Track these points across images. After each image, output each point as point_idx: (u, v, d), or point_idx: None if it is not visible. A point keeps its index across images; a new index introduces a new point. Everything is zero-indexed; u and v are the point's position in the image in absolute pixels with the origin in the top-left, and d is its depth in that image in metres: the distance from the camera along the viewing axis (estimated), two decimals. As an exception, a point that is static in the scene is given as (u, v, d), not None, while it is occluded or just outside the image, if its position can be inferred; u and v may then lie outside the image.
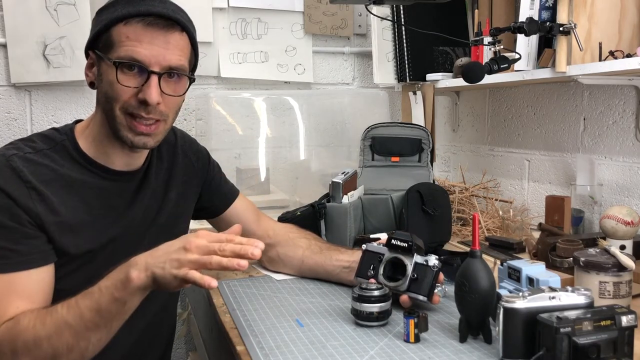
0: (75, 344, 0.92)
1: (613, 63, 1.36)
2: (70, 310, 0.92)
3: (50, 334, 0.92)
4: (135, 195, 1.16)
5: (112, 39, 1.03)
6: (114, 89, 1.04)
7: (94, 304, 0.92)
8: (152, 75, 1.03)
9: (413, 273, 1.10)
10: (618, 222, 1.30)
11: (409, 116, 2.03)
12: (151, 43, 1.03)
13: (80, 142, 1.10)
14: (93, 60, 1.08)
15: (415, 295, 1.09)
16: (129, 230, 1.13)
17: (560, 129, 1.82)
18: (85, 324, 0.92)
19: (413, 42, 1.99)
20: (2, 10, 1.94)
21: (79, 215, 1.06)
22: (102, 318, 0.92)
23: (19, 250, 0.98)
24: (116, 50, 1.03)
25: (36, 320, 0.93)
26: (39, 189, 1.01)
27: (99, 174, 1.10)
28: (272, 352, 0.95)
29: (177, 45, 1.06)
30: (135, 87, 1.04)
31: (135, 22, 1.02)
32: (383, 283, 1.10)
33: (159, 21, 1.03)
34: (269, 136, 2.10)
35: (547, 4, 1.52)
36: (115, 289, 0.91)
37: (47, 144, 1.08)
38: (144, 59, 1.03)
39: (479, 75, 1.38)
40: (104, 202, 1.10)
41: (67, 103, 2.04)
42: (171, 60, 1.05)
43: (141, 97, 1.03)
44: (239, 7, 2.20)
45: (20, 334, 0.92)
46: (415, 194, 1.44)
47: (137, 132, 1.06)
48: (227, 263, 0.88)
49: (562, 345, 0.79)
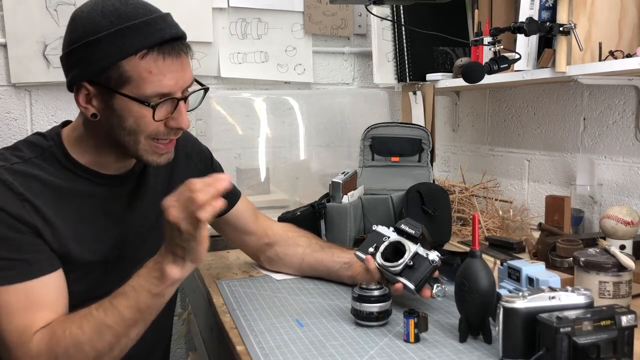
0: (117, 343, 0.95)
1: (613, 63, 1.37)
2: (108, 313, 0.94)
3: (92, 337, 0.94)
4: (133, 198, 1.14)
5: (128, 75, 0.97)
6: (144, 124, 1.00)
7: (132, 303, 0.94)
8: (180, 102, 1.02)
9: (410, 260, 1.09)
10: (618, 222, 1.30)
11: (409, 116, 2.03)
12: (172, 72, 0.99)
13: (68, 148, 1.07)
14: (92, 92, 1.00)
15: (405, 281, 1.09)
16: (130, 234, 1.12)
17: (560, 129, 1.82)
18: (126, 323, 0.95)
19: (413, 42, 1.99)
20: (2, 10, 1.94)
21: (74, 226, 1.03)
22: (142, 314, 0.95)
23: (27, 259, 0.96)
24: (138, 87, 0.97)
25: (72, 327, 0.94)
26: (32, 201, 0.98)
27: (91, 180, 1.07)
28: (272, 352, 0.95)
29: (188, 63, 1.04)
30: (165, 118, 1.02)
31: (153, 55, 0.97)
32: (378, 262, 1.10)
33: (172, 46, 0.99)
34: (269, 136, 2.10)
35: (547, 4, 1.52)
36: (152, 286, 0.95)
37: (34, 152, 1.04)
38: (171, 90, 1.00)
39: (479, 75, 1.38)
40: (99, 209, 1.08)
41: (67, 103, 2.04)
42: (189, 80, 1.03)
43: (174, 125, 1.02)
44: (239, 7, 2.20)
45: (59, 342, 0.93)
46: (415, 194, 1.44)
47: (161, 154, 1.06)
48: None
49: (562, 345, 0.79)
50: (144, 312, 0.96)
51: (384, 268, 1.10)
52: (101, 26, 0.96)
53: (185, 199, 0.91)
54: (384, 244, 1.13)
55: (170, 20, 1.02)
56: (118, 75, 0.97)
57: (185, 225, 0.91)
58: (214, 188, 0.92)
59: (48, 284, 0.98)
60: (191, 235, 0.92)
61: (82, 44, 0.97)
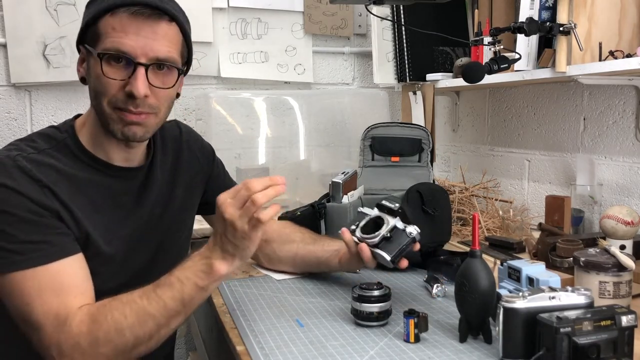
0: (157, 332, 0.96)
1: (613, 63, 1.37)
2: (152, 301, 0.95)
3: (134, 324, 0.94)
4: (141, 192, 1.15)
5: (99, 31, 1.01)
6: (100, 83, 1.02)
7: (176, 294, 0.95)
8: (139, 66, 1.01)
9: (388, 233, 1.09)
10: (618, 222, 1.30)
11: (409, 116, 2.03)
12: (137, 34, 1.00)
13: (81, 139, 1.08)
14: (84, 54, 1.07)
15: (383, 253, 1.08)
16: (138, 227, 1.13)
17: (560, 129, 1.82)
18: (169, 313, 0.96)
19: (413, 42, 1.99)
20: (2, 10, 1.94)
21: (89, 214, 1.05)
22: (185, 306, 0.96)
23: (51, 241, 0.97)
24: (102, 42, 1.01)
25: (115, 312, 0.95)
26: (50, 187, 0.99)
27: (102, 171, 1.09)
28: (272, 352, 0.95)
29: (165, 35, 1.03)
30: (121, 80, 1.01)
31: (121, 13, 1.00)
32: (357, 236, 1.11)
33: (145, 10, 1.00)
34: (269, 136, 2.10)
35: (547, 4, 1.52)
36: (198, 279, 0.96)
37: (48, 143, 1.06)
38: (129, 50, 1.00)
39: (479, 75, 1.38)
40: (111, 200, 1.09)
41: (67, 103, 2.04)
42: (159, 52, 1.02)
43: (128, 90, 1.01)
44: (239, 7, 2.20)
45: (101, 325, 0.94)
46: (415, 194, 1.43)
47: (126, 122, 1.04)
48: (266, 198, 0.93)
49: (562, 345, 0.79)
50: (187, 304, 0.96)
51: (362, 241, 1.11)
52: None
53: (242, 198, 0.93)
54: (365, 219, 1.15)
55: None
56: (93, 32, 1.03)
57: (241, 224, 0.93)
58: (273, 191, 0.94)
59: (73, 264, 0.99)
60: (246, 234, 0.94)
61: (85, 8, 1.06)
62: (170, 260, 1.21)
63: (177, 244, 1.24)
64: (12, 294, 0.95)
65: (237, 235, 0.94)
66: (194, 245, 1.62)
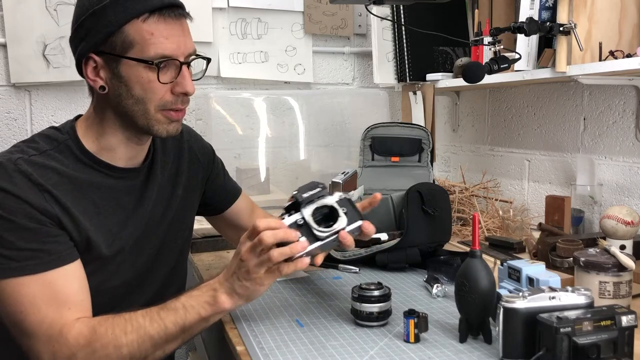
0: (152, 353, 0.98)
1: (613, 63, 1.37)
2: (154, 323, 0.97)
3: (132, 342, 0.95)
4: (143, 191, 1.15)
5: (132, 38, 1.00)
6: (151, 89, 1.02)
7: (179, 320, 0.97)
8: (184, 66, 1.04)
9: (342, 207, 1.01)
10: (618, 222, 1.30)
11: (409, 116, 2.03)
12: (173, 35, 1.02)
13: (82, 138, 1.08)
14: (99, 63, 1.03)
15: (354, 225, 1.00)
16: (140, 227, 1.13)
17: (560, 129, 1.82)
18: (167, 337, 0.97)
19: (413, 42, 1.99)
20: (2, 10, 1.94)
21: (91, 217, 1.05)
22: (184, 333, 0.99)
23: (47, 250, 0.97)
24: (142, 49, 1.00)
25: (116, 328, 0.96)
26: (51, 191, 0.99)
27: (105, 172, 1.08)
28: (272, 352, 0.95)
29: (189, 30, 1.07)
30: (170, 82, 1.04)
31: (155, 18, 1.00)
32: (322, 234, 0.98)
33: (172, 11, 1.02)
34: (269, 136, 2.10)
35: (547, 4, 1.52)
36: (202, 309, 0.98)
37: (50, 145, 1.06)
38: (173, 53, 1.02)
39: (479, 75, 1.38)
40: (113, 201, 1.09)
41: (67, 103, 2.04)
42: (191, 47, 1.06)
43: (179, 90, 1.04)
44: (239, 7, 2.20)
45: (100, 338, 0.95)
46: (415, 194, 1.43)
47: (172, 120, 1.07)
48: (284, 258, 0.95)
49: (562, 345, 0.79)
50: (187, 331, 0.98)
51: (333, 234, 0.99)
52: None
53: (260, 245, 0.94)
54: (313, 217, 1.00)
55: None
56: (122, 40, 1.00)
57: (257, 270, 0.95)
58: (290, 251, 0.94)
59: (69, 273, 0.99)
60: (260, 280, 0.95)
61: (88, 15, 1.01)
62: (171, 259, 1.22)
63: (178, 244, 1.24)
64: (5, 300, 0.96)
65: (249, 278, 0.96)
66: (193, 245, 1.62)
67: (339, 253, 1.44)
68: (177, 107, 1.06)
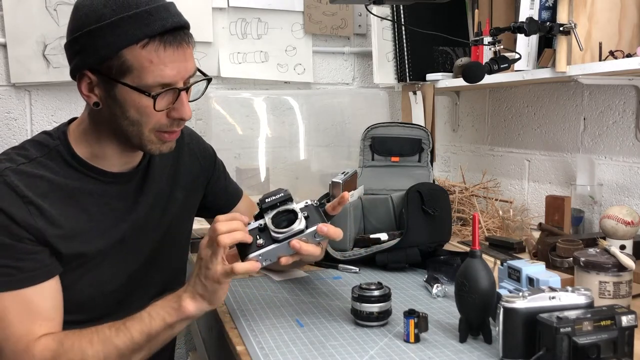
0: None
1: (613, 63, 1.37)
2: (120, 333, 0.96)
3: (98, 352, 0.95)
4: (137, 195, 1.13)
5: (129, 64, 0.96)
6: (147, 114, 1.00)
7: (144, 328, 0.96)
8: (182, 92, 1.01)
9: (303, 212, 1.00)
10: (618, 222, 1.30)
11: (409, 116, 2.03)
12: (173, 61, 0.98)
13: (74, 143, 1.06)
14: (94, 81, 1.00)
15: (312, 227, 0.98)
16: (134, 231, 1.12)
17: (560, 129, 1.82)
18: (133, 347, 0.96)
19: (413, 42, 1.99)
20: (2, 10, 1.94)
21: (81, 224, 1.04)
22: (150, 341, 0.97)
23: (23, 267, 0.96)
24: (139, 76, 0.97)
25: (82, 340, 0.96)
26: (37, 202, 0.98)
27: (97, 178, 1.07)
28: (272, 352, 0.95)
29: (191, 53, 1.03)
30: (167, 108, 1.01)
31: (155, 44, 0.96)
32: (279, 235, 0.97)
33: (174, 36, 0.98)
34: (269, 136, 2.10)
35: (547, 4, 1.52)
36: (167, 315, 0.97)
37: (40, 151, 1.04)
38: (172, 80, 0.99)
39: (479, 75, 1.38)
40: (105, 207, 1.08)
41: (67, 103, 2.04)
42: (190, 70, 1.02)
43: (176, 116, 1.02)
44: (239, 7, 2.20)
45: (67, 352, 0.95)
46: (415, 194, 1.43)
47: (165, 141, 1.05)
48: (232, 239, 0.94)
49: (562, 345, 0.79)
50: (152, 339, 0.97)
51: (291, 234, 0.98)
52: (103, 14, 0.95)
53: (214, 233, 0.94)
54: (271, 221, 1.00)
55: (173, 9, 1.01)
56: (119, 64, 0.96)
57: (213, 266, 0.94)
58: (236, 222, 0.95)
59: (43, 291, 0.98)
60: (216, 278, 0.94)
61: (84, 32, 0.97)
62: (169, 261, 1.22)
63: (176, 246, 1.24)
64: None
65: (208, 276, 0.95)
66: (193, 245, 1.62)
67: (339, 253, 1.44)
68: (171, 130, 1.04)
